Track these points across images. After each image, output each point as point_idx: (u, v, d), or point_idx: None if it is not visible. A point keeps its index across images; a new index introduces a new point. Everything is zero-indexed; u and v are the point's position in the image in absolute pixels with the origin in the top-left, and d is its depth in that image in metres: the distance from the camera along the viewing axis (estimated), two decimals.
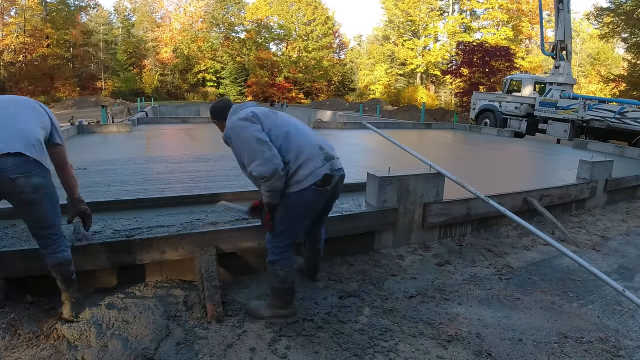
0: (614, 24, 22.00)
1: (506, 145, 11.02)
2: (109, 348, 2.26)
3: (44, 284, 2.76)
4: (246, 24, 54.01)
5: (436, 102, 44.18)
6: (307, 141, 2.47)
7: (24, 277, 2.72)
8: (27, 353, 2.19)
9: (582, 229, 4.89)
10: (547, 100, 13.51)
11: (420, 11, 46.70)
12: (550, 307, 2.96)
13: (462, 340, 2.46)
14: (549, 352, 2.38)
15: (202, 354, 2.24)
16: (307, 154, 2.40)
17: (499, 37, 40.93)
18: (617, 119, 11.49)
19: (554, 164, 8.36)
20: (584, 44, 47.98)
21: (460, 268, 3.61)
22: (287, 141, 2.40)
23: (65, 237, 2.45)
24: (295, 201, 2.41)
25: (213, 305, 2.59)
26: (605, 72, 35.36)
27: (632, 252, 4.22)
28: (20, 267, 2.64)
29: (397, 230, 3.91)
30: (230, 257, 3.14)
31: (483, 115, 16.20)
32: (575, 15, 44.41)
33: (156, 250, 2.91)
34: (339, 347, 2.32)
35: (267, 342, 2.36)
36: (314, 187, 2.38)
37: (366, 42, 63.44)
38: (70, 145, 8.14)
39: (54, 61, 43.91)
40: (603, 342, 2.50)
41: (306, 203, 2.44)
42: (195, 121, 15.01)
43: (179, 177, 5.16)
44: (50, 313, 2.54)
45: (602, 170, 5.71)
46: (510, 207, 4.04)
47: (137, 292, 2.79)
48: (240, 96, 49.34)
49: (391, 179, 3.76)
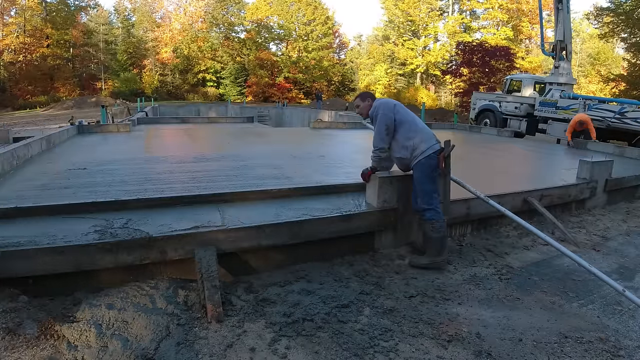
0: (613, 24, 21.98)
1: (506, 145, 11.01)
2: (109, 348, 2.27)
3: (44, 284, 2.77)
4: (246, 24, 53.91)
5: (436, 102, 44.14)
6: (426, 128, 3.67)
7: (25, 277, 2.72)
8: (27, 353, 2.19)
9: (582, 229, 4.88)
10: (547, 100, 13.50)
11: (420, 11, 46.64)
12: (550, 307, 2.96)
13: (462, 340, 2.46)
14: (549, 352, 2.38)
15: (202, 354, 2.24)
16: (427, 135, 3.57)
17: (499, 37, 40.87)
18: (617, 119, 11.48)
19: (554, 164, 8.36)
20: (584, 44, 47.92)
21: (460, 268, 3.61)
22: (415, 125, 3.59)
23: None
24: (426, 164, 3.47)
25: (213, 305, 2.59)
26: (605, 71, 35.30)
27: (632, 252, 4.22)
28: (20, 267, 2.65)
29: (398, 230, 3.91)
30: (230, 257, 3.14)
31: (483, 115, 16.19)
32: (575, 15, 44.39)
33: (156, 250, 2.92)
34: (339, 347, 2.32)
35: (267, 342, 2.36)
36: (434, 155, 3.48)
37: (366, 42, 63.46)
38: (70, 145, 8.15)
39: (54, 61, 43.85)
40: (603, 342, 2.50)
41: (432, 166, 3.49)
42: (195, 121, 15.01)
43: (179, 177, 5.16)
44: (51, 313, 2.52)
45: (602, 170, 5.70)
46: (510, 207, 4.04)
47: (137, 292, 2.78)
48: (240, 96, 49.27)
49: (391, 179, 3.76)
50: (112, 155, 7.08)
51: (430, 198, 3.50)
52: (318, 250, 3.51)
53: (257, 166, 6.06)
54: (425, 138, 3.55)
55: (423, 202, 3.51)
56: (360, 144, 9.66)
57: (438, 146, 3.57)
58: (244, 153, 7.47)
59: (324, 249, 3.54)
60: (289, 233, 3.27)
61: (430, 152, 3.49)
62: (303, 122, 28.07)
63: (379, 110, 3.58)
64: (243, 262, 3.22)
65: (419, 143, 3.51)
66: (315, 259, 3.49)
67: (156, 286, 2.87)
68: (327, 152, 8.06)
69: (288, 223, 3.28)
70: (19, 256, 2.66)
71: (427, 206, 3.50)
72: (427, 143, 3.52)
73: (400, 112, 3.62)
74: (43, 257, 2.70)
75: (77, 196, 4.20)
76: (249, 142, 9.33)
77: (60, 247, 2.76)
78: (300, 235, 3.34)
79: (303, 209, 3.72)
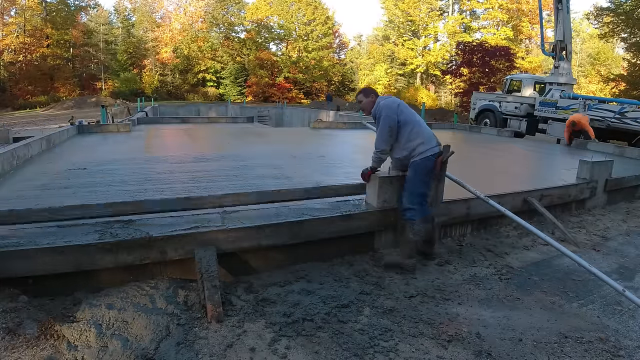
0: (613, 24, 21.99)
1: (506, 145, 11.01)
2: (109, 348, 2.26)
3: (44, 284, 2.77)
4: (246, 24, 53.92)
5: (436, 102, 44.13)
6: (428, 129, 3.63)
7: (24, 277, 2.72)
8: (27, 353, 2.18)
9: (582, 229, 4.88)
10: (547, 100, 13.50)
11: (420, 11, 46.64)
12: (550, 307, 2.96)
13: (462, 340, 2.46)
14: (549, 352, 2.38)
15: (202, 354, 2.24)
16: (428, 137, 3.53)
17: (499, 37, 40.88)
18: (617, 118, 11.48)
19: (553, 164, 8.36)
20: (584, 44, 47.90)
21: (460, 268, 3.60)
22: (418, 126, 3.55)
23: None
24: (421, 164, 3.46)
25: (213, 305, 2.59)
26: (605, 71, 35.31)
27: (632, 252, 4.22)
28: (20, 267, 2.65)
29: (397, 230, 3.90)
30: (230, 257, 3.14)
31: (483, 115, 16.19)
32: (575, 15, 44.35)
33: (156, 250, 2.92)
34: (339, 347, 2.32)
35: (267, 342, 2.36)
36: (432, 157, 3.49)
37: (366, 42, 63.45)
38: (70, 145, 8.16)
39: (54, 61, 43.85)
40: (603, 342, 2.50)
41: (427, 168, 3.48)
42: (195, 121, 15.02)
43: (179, 177, 5.16)
44: (51, 313, 2.52)
45: (602, 170, 5.70)
46: (510, 207, 4.03)
47: (137, 292, 2.78)
48: (240, 96, 49.30)
49: (391, 179, 3.76)
50: (112, 155, 7.09)
51: (415, 197, 3.48)
52: (318, 250, 3.50)
53: (257, 166, 6.06)
54: (426, 140, 3.51)
55: (407, 201, 3.49)
56: (360, 144, 9.66)
57: (437, 149, 3.55)
58: (244, 153, 7.47)
59: (324, 248, 3.53)
60: (289, 233, 3.27)
61: (428, 154, 3.47)
62: (303, 122, 28.08)
63: (382, 112, 3.50)
64: (243, 262, 3.22)
65: (419, 144, 3.48)
66: (315, 258, 3.49)
67: (156, 286, 2.87)
68: (327, 152, 8.06)
69: (288, 223, 3.28)
70: (19, 256, 2.66)
71: (410, 205, 3.48)
72: (426, 145, 3.49)
73: (404, 112, 3.56)
74: (43, 257, 2.70)
75: (77, 196, 4.21)
76: (249, 142, 9.34)
77: (60, 247, 2.76)
78: (300, 235, 3.34)
79: (303, 208, 3.72)
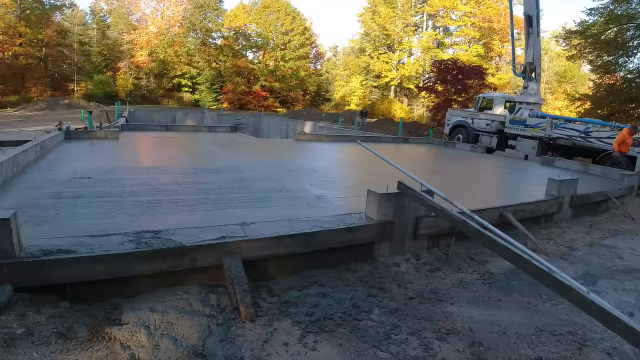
0: (581, 46, 22.82)
1: (480, 161, 11.76)
2: (161, 347, 2.57)
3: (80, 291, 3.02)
4: (224, 30, 54.04)
5: (409, 115, 45.39)
6: None
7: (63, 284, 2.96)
8: (84, 355, 2.39)
9: (551, 240, 5.51)
10: (517, 118, 14.42)
11: (396, 26, 48.09)
12: (527, 307, 3.49)
13: (457, 333, 2.94)
14: (529, 342, 2.89)
15: (244, 349, 2.61)
16: None
17: (471, 54, 42.68)
18: (582, 137, 12.31)
19: (523, 180, 9.09)
20: (552, 62, 50.11)
21: (449, 274, 4.11)
22: None
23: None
24: None
25: (245, 307, 2.97)
26: (571, 90, 37.02)
27: (595, 261, 4.85)
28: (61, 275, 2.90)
29: (393, 240, 4.38)
30: (251, 264, 3.50)
31: (456, 130, 17.02)
32: (544, 34, 46.61)
33: (188, 258, 3.26)
34: (358, 340, 2.76)
35: (297, 338, 2.76)
36: None
37: (342, 53, 64.59)
38: (62, 152, 8.26)
39: (26, 60, 42.40)
40: (572, 334, 3.04)
41: None
42: (180, 129, 15.15)
43: (186, 189, 5.46)
44: (96, 317, 2.77)
45: (568, 188, 6.39)
46: (489, 221, 4.55)
47: (172, 296, 3.10)
48: (215, 103, 49.21)
49: (389, 195, 4.24)
50: (110, 163, 7.28)
51: None
52: (326, 258, 3.93)
53: (256, 179, 6.43)
54: None
55: None
56: (346, 158, 10.17)
57: None
58: (239, 165, 7.80)
59: (331, 257, 3.97)
60: (303, 243, 3.69)
61: None
62: (281, 132, 28.38)
63: None
64: (262, 269, 3.60)
65: None
66: (323, 266, 3.91)
67: (188, 291, 3.21)
68: (317, 166, 8.50)
69: (304, 234, 3.70)
70: (60, 264, 2.92)
71: None
72: None
73: None
74: (82, 265, 2.97)
75: (93, 206, 4.47)
76: (239, 153, 9.66)
77: (99, 255, 3.05)
78: (311, 245, 3.76)
79: (312, 220, 4.14)
